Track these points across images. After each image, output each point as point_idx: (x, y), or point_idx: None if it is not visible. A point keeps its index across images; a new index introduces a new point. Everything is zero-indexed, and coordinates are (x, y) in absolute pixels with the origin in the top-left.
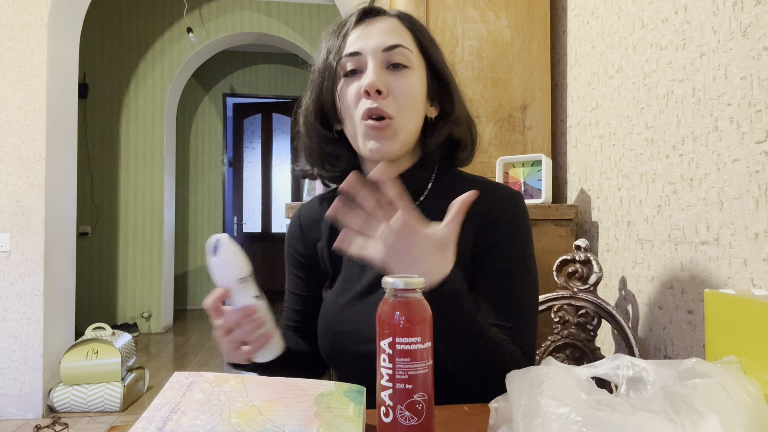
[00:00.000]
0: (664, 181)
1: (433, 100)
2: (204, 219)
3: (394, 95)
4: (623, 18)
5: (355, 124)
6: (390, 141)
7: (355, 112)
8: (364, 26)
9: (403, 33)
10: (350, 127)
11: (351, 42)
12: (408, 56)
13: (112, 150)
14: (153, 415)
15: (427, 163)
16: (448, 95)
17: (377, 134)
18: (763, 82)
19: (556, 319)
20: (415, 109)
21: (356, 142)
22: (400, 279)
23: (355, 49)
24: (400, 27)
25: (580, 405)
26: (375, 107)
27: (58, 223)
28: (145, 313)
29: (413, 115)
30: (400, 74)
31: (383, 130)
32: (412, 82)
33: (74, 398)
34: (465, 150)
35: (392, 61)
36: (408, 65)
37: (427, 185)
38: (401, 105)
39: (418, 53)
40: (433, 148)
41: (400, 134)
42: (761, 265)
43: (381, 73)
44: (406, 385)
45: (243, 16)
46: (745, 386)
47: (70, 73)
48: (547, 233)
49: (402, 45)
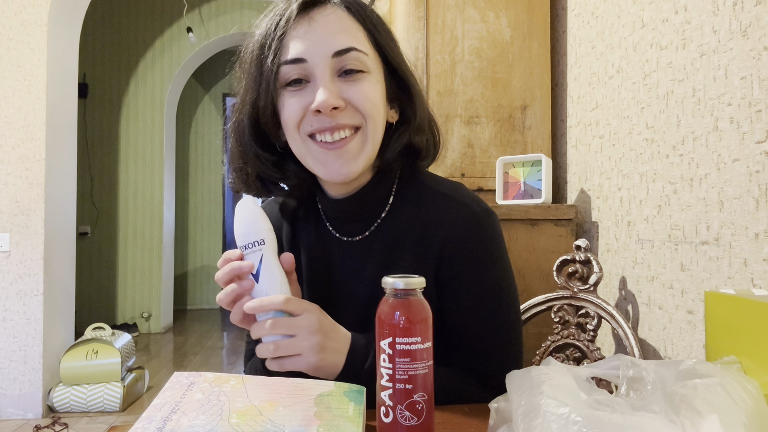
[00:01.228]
0: (664, 181)
1: (392, 102)
2: (204, 219)
3: (353, 104)
4: (623, 18)
5: (301, 144)
6: (354, 159)
7: (299, 131)
8: (307, 21)
9: (354, 30)
10: (296, 146)
11: (293, 43)
12: (363, 60)
13: (111, 150)
14: (153, 415)
15: (387, 174)
16: (409, 99)
17: (336, 155)
18: (763, 82)
19: (556, 319)
20: (380, 116)
21: (306, 161)
22: (399, 279)
23: (298, 55)
24: (350, 21)
25: (580, 405)
26: (331, 124)
27: (57, 223)
28: (145, 313)
29: (379, 124)
30: (356, 81)
31: (343, 146)
32: (371, 88)
33: (74, 398)
34: (426, 158)
35: (345, 68)
36: (364, 70)
37: (389, 199)
38: (366, 113)
39: (374, 53)
40: (391, 158)
41: (366, 148)
42: (761, 265)
43: (333, 83)
44: (406, 385)
45: (243, 16)
46: (745, 386)
47: (70, 73)
48: (547, 233)
49: (355, 48)
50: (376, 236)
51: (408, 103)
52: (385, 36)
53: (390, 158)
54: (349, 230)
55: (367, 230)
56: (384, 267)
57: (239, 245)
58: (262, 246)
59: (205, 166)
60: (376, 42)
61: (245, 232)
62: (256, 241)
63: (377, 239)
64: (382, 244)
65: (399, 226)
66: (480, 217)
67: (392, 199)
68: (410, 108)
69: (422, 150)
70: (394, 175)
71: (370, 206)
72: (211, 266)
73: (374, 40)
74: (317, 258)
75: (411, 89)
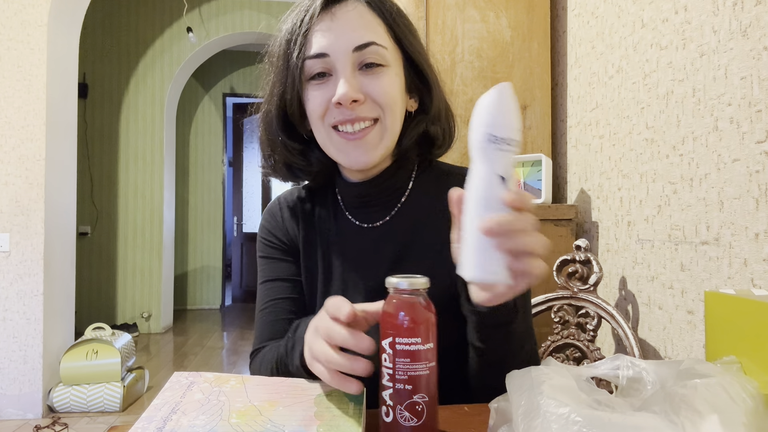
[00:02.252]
0: (664, 181)
1: (411, 92)
2: (204, 219)
3: (372, 98)
4: (623, 18)
5: (324, 134)
6: (373, 149)
7: (323, 122)
8: (329, 17)
9: (374, 24)
10: (320, 136)
11: (316, 38)
12: (383, 54)
13: (111, 150)
14: (153, 415)
15: (406, 160)
16: (428, 89)
17: (356, 145)
18: (763, 82)
19: (556, 319)
20: (398, 108)
21: (329, 150)
22: (403, 279)
23: (321, 50)
24: (370, 15)
25: (580, 405)
26: (352, 116)
27: (57, 223)
28: (145, 313)
29: (397, 115)
30: (376, 75)
31: (363, 137)
32: (390, 81)
33: (74, 398)
34: (441, 147)
35: (365, 62)
36: (383, 63)
37: (408, 183)
38: (384, 106)
39: (393, 46)
40: (408, 146)
41: (385, 138)
42: (761, 265)
43: (353, 77)
44: (406, 386)
45: (243, 16)
46: (745, 386)
47: (70, 73)
48: (547, 233)
49: (375, 42)
50: (396, 221)
51: (426, 93)
52: (404, 29)
53: (407, 145)
54: (368, 216)
55: (387, 215)
56: (406, 247)
57: (495, 134)
58: (512, 147)
59: (205, 166)
60: (396, 35)
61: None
62: (514, 140)
63: (397, 224)
64: (403, 227)
65: (420, 208)
66: None
67: (411, 184)
68: (428, 97)
69: (438, 139)
70: (412, 162)
71: (389, 192)
72: (211, 266)
73: (393, 34)
74: (336, 245)
75: (429, 79)
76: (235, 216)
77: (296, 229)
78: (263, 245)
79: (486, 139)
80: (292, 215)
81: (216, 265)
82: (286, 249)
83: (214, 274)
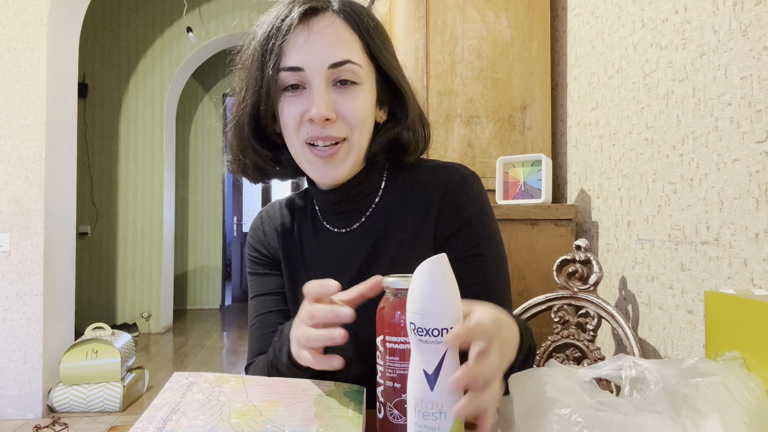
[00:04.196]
0: (664, 181)
1: (382, 104)
2: (204, 219)
3: (343, 117)
4: (623, 18)
5: (299, 147)
6: (341, 164)
7: (297, 136)
8: (306, 30)
9: (350, 41)
10: (293, 148)
11: (292, 51)
12: (357, 72)
13: (111, 150)
14: (153, 416)
15: (375, 165)
16: (400, 103)
17: (325, 161)
18: (763, 82)
19: (556, 319)
20: (367, 126)
21: (300, 162)
22: (399, 278)
23: (296, 64)
24: (347, 32)
25: (581, 406)
26: (323, 134)
27: (57, 223)
28: (145, 313)
29: (365, 132)
30: (349, 93)
31: (333, 155)
32: (362, 101)
33: (74, 398)
34: (414, 153)
35: (339, 78)
36: (357, 81)
37: (380, 186)
38: (353, 126)
39: (368, 63)
40: (377, 150)
41: (351, 155)
42: (761, 265)
43: (327, 94)
44: (395, 384)
45: (243, 16)
46: (747, 384)
47: (70, 73)
48: (547, 233)
49: (350, 60)
50: (370, 223)
51: (398, 105)
52: (380, 44)
53: (375, 150)
54: (342, 222)
55: (357, 222)
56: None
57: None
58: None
59: (205, 166)
60: (371, 51)
61: (428, 309)
62: (444, 328)
63: (371, 225)
64: (377, 228)
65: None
66: (469, 175)
67: (383, 184)
68: (400, 110)
69: (410, 146)
70: (382, 166)
71: (361, 197)
72: (210, 266)
73: (369, 50)
74: (314, 253)
75: (403, 93)
76: (235, 216)
77: (277, 241)
78: (249, 261)
79: (411, 329)
80: (272, 228)
81: (216, 265)
82: (269, 263)
83: (213, 274)
